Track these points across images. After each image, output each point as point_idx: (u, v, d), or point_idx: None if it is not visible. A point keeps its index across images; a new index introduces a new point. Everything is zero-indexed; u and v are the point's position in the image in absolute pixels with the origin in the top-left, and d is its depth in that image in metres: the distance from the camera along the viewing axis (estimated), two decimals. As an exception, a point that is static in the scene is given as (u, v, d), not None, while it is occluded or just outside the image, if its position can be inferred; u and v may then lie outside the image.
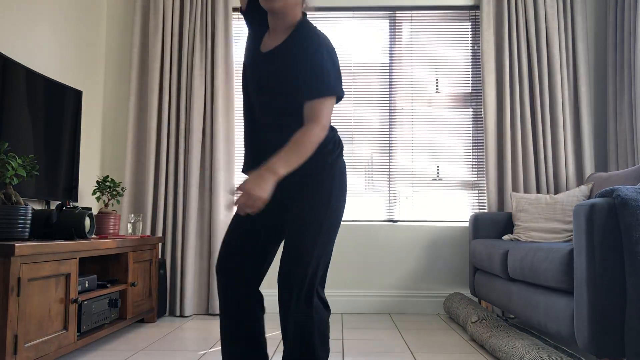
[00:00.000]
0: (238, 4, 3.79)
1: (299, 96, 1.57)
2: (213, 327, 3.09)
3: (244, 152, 1.74)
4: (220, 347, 2.58)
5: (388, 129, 3.78)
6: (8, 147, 2.52)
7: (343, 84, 1.61)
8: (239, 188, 1.43)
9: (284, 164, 1.46)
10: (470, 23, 3.82)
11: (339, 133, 1.73)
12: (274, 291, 3.64)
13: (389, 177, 3.76)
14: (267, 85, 1.62)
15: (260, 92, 1.63)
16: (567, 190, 3.48)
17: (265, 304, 3.62)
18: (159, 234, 3.49)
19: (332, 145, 1.63)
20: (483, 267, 3.06)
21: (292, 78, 1.57)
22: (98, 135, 3.71)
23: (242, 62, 1.72)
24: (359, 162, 3.77)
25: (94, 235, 2.93)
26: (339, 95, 1.56)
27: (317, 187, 1.61)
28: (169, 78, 3.59)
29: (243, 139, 1.76)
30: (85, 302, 2.40)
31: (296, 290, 1.53)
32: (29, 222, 2.13)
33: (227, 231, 1.76)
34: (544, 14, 3.58)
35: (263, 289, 3.64)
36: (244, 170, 1.73)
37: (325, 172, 1.63)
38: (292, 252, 1.56)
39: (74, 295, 2.26)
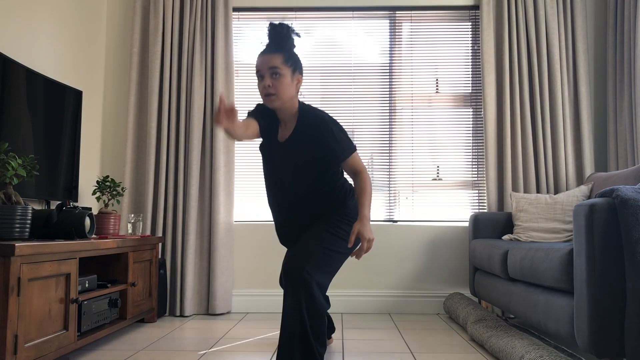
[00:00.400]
0: (238, 4, 3.79)
1: (320, 164, 2.10)
2: (213, 327, 3.09)
3: (275, 218, 2.27)
4: (219, 347, 2.59)
5: (388, 129, 3.79)
6: (8, 147, 2.52)
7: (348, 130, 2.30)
8: (361, 236, 1.93)
9: (367, 208, 1.98)
10: (470, 23, 3.82)
11: None
12: (274, 291, 3.64)
13: (389, 177, 3.76)
14: (295, 164, 2.11)
15: (292, 169, 2.13)
16: (567, 190, 3.48)
17: (265, 303, 3.63)
18: (159, 234, 3.49)
19: (342, 192, 2.18)
20: (483, 267, 3.06)
21: (313, 153, 2.08)
22: (98, 135, 3.71)
23: (264, 154, 2.21)
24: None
25: (94, 235, 2.93)
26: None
27: (331, 216, 2.13)
28: (169, 78, 3.59)
29: (271, 208, 2.29)
30: (86, 302, 2.40)
31: (296, 275, 1.90)
32: (29, 222, 2.13)
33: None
34: (544, 14, 3.58)
35: (270, 289, 3.65)
36: (280, 231, 2.29)
37: (338, 207, 2.15)
38: (298, 249, 1.99)
39: (74, 295, 2.26)
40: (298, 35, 2.13)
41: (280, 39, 2.08)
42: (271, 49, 2.05)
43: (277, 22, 2.10)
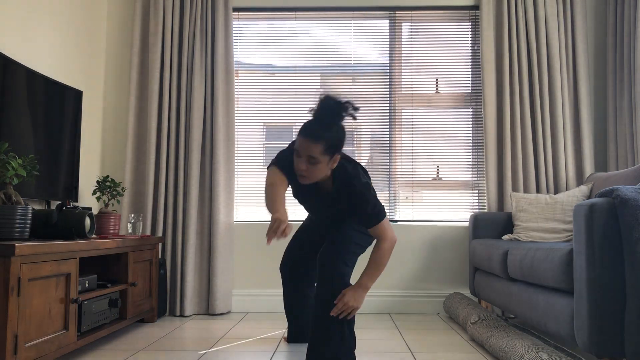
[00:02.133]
0: (238, 4, 3.79)
1: (351, 216, 2.26)
2: (213, 327, 3.09)
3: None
4: (219, 347, 2.59)
5: (388, 129, 3.79)
6: (8, 147, 2.52)
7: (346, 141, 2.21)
8: (342, 296, 2.15)
9: (369, 278, 2.18)
10: (470, 23, 3.82)
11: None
12: (274, 291, 3.64)
13: (389, 177, 3.76)
14: (333, 213, 2.31)
15: (329, 214, 2.33)
16: (567, 190, 3.48)
17: (265, 303, 3.63)
18: (159, 234, 3.49)
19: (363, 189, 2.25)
20: (483, 267, 3.06)
21: (350, 212, 2.22)
22: (98, 135, 3.71)
23: (299, 198, 2.38)
24: (359, 162, 3.77)
25: (94, 235, 2.93)
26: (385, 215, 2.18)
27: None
28: (169, 78, 3.59)
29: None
30: (86, 302, 2.40)
31: (330, 274, 2.19)
32: (29, 222, 2.13)
33: (291, 246, 2.66)
34: (544, 14, 3.58)
35: (270, 289, 3.65)
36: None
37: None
38: (329, 248, 2.27)
39: (74, 295, 2.26)
40: (353, 116, 2.07)
41: (327, 125, 2.02)
42: (313, 136, 2.00)
43: (332, 99, 2.03)
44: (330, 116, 2.02)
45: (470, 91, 3.79)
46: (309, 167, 2.03)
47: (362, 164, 3.75)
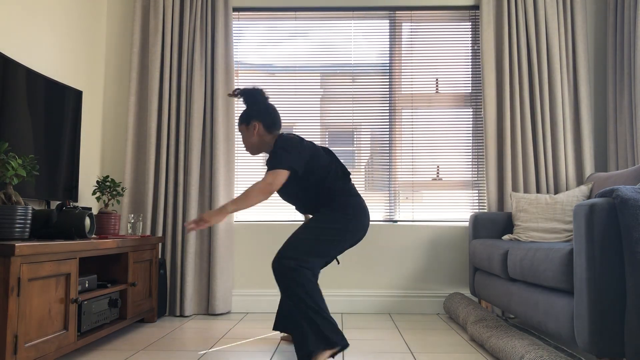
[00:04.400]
0: (238, 4, 3.79)
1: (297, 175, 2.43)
2: (213, 327, 3.09)
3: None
4: (219, 347, 2.59)
5: (388, 129, 3.79)
6: (8, 147, 2.52)
7: (300, 158, 2.37)
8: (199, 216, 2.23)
9: (231, 203, 2.26)
10: (470, 23, 3.82)
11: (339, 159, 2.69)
12: (274, 291, 3.64)
13: (389, 177, 3.76)
14: (292, 194, 2.55)
15: (290, 197, 2.55)
16: (567, 190, 3.48)
17: (265, 303, 3.63)
18: (159, 234, 3.49)
19: (328, 193, 2.44)
20: (483, 267, 3.06)
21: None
22: (98, 135, 3.71)
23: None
24: (359, 162, 3.77)
25: (94, 235, 2.93)
26: (289, 168, 2.32)
27: (320, 215, 2.41)
28: (169, 78, 3.59)
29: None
30: (86, 302, 2.40)
31: (275, 266, 2.25)
32: (29, 222, 2.13)
33: None
34: (544, 14, 3.58)
35: (270, 289, 3.64)
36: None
37: (326, 203, 2.44)
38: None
39: (74, 295, 2.26)
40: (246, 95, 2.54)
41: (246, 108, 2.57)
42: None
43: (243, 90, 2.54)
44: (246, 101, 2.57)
45: (470, 91, 3.79)
46: (243, 140, 2.54)
47: (362, 163, 3.75)
